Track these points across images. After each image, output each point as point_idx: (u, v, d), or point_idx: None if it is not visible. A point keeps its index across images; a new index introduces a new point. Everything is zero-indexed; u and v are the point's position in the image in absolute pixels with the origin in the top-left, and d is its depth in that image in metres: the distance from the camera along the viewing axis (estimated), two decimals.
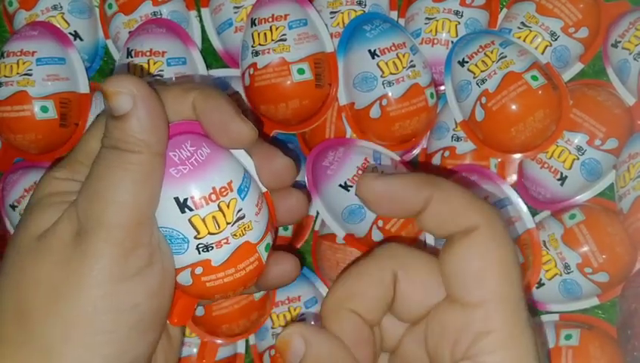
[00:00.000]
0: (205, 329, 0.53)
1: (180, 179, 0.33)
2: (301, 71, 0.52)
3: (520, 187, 0.55)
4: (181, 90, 0.34)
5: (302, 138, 0.57)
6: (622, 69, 0.53)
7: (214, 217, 0.33)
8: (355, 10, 0.55)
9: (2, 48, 0.55)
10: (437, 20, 0.55)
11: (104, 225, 0.31)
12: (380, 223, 0.51)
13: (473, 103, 0.52)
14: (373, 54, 0.52)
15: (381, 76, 0.52)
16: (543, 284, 0.52)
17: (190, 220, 0.33)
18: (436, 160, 0.54)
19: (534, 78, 0.51)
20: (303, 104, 0.53)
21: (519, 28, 0.54)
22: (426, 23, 0.55)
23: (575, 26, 0.53)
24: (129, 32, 0.56)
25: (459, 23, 0.55)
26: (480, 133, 0.52)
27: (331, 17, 0.55)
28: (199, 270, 0.34)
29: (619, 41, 0.53)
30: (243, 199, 0.34)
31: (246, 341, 0.55)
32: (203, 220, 0.33)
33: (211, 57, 0.58)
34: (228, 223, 0.34)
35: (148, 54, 0.54)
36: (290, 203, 0.38)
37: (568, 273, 0.51)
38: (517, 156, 0.53)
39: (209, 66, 0.57)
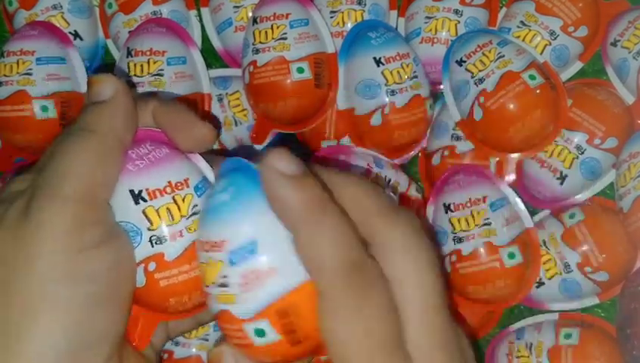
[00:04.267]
0: None
1: (136, 173, 0.33)
2: (300, 70, 0.52)
3: (519, 186, 0.55)
4: (142, 99, 0.36)
5: (302, 139, 0.57)
6: (622, 68, 0.53)
7: (168, 209, 0.33)
8: (354, 10, 0.55)
9: (2, 47, 0.55)
10: (437, 19, 0.55)
11: (59, 196, 0.31)
12: None
13: (471, 103, 0.52)
14: (378, 62, 0.52)
15: (385, 84, 0.52)
16: (543, 284, 0.52)
17: (144, 211, 0.33)
18: (435, 159, 0.54)
19: (532, 77, 0.51)
20: (302, 103, 0.53)
21: (518, 27, 0.54)
22: (425, 22, 0.55)
23: (574, 25, 0.53)
24: (129, 31, 0.56)
25: (459, 22, 0.55)
26: (479, 132, 0.52)
27: (331, 17, 0.55)
28: (152, 266, 0.34)
29: (619, 40, 0.53)
30: (199, 196, 0.34)
31: None
32: (157, 211, 0.33)
33: (211, 56, 0.58)
34: (182, 216, 0.33)
35: (148, 53, 0.54)
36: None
37: (568, 272, 0.51)
38: (515, 155, 0.53)
39: (209, 66, 0.57)
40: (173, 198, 0.34)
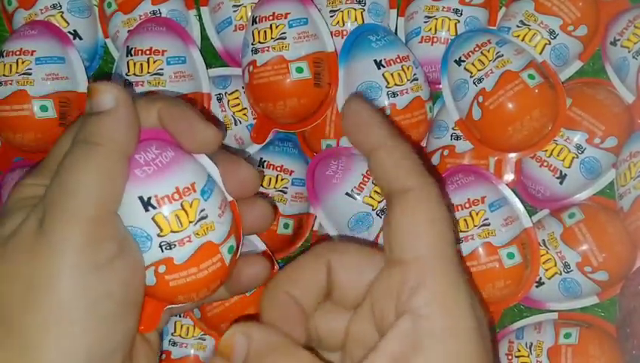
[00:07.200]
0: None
1: (144, 179, 0.34)
2: (300, 70, 0.52)
3: (519, 185, 0.54)
4: (148, 100, 0.36)
5: (302, 138, 0.57)
6: (621, 67, 0.53)
7: (177, 215, 0.34)
8: (354, 9, 0.55)
9: (1, 47, 0.55)
10: (437, 19, 0.55)
11: (70, 216, 0.32)
12: None
13: (470, 102, 0.52)
14: (379, 65, 0.52)
15: (386, 87, 0.52)
16: (543, 283, 0.52)
17: (153, 218, 0.34)
18: (435, 159, 0.54)
19: (531, 77, 0.50)
20: (302, 103, 0.53)
21: (518, 26, 0.54)
22: (425, 22, 0.55)
23: (574, 24, 0.53)
24: (129, 30, 0.56)
25: (459, 21, 0.54)
26: (478, 132, 0.52)
27: (331, 16, 0.55)
28: (162, 268, 0.35)
29: (618, 39, 0.53)
30: (205, 200, 0.35)
31: None
32: (166, 218, 0.34)
33: (210, 55, 0.58)
34: (190, 222, 0.35)
35: (148, 52, 0.54)
36: (255, 213, 0.40)
37: (568, 272, 0.51)
38: (514, 154, 0.53)
39: (208, 65, 0.57)
40: (181, 204, 0.34)
